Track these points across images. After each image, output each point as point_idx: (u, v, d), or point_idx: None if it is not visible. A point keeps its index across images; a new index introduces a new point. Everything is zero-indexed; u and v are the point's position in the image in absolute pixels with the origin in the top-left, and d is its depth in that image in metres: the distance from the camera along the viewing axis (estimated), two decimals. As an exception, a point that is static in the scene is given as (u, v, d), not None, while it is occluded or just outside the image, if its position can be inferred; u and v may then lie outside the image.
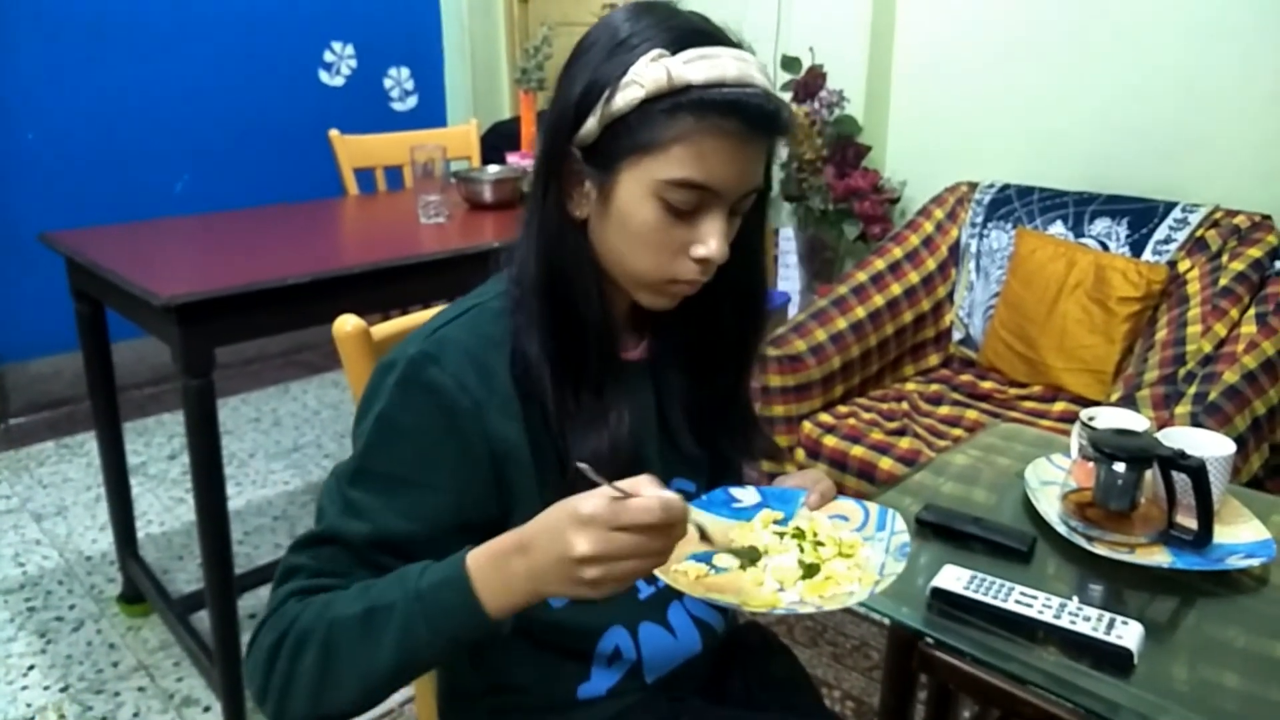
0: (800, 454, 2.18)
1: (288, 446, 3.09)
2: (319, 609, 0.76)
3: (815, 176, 2.71)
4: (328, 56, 3.79)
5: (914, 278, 2.42)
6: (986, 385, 2.30)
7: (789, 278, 2.96)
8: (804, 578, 0.81)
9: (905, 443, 2.04)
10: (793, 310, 2.82)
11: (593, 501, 0.67)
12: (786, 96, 2.77)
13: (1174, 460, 1.04)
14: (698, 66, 0.76)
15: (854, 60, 2.74)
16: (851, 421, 2.16)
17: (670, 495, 0.69)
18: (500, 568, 0.72)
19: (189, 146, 3.49)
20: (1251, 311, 1.86)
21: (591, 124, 0.79)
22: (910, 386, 2.36)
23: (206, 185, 3.54)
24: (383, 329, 1.07)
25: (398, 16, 3.97)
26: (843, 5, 2.74)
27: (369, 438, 0.82)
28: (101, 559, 2.42)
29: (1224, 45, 2.17)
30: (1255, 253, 1.99)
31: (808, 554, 0.84)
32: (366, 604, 0.74)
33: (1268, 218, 2.08)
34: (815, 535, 0.87)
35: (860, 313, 2.31)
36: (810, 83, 2.68)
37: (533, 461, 0.84)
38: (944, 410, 2.20)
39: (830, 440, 2.11)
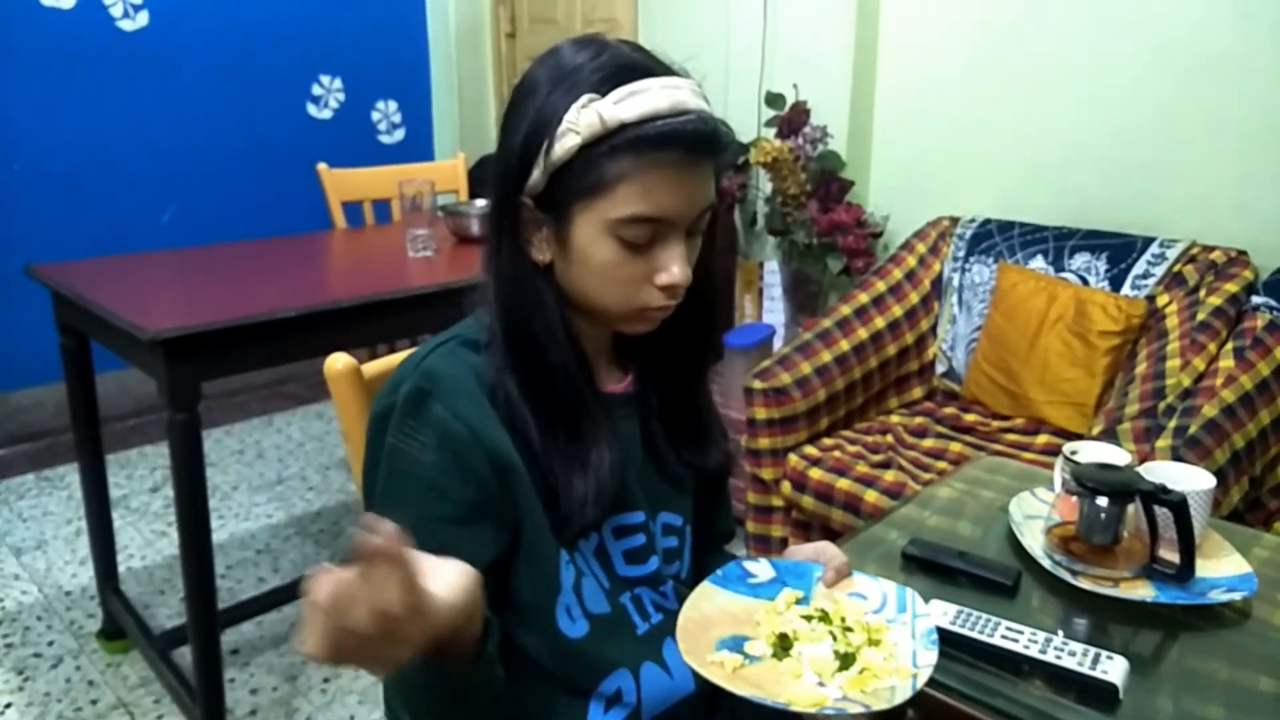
0: (786, 486, 2.19)
1: (271, 479, 3.07)
2: None
3: (799, 211, 2.73)
4: (316, 90, 3.82)
5: (897, 311, 2.45)
6: (970, 418, 2.32)
7: (774, 311, 2.97)
8: (840, 669, 0.80)
9: (890, 475, 2.05)
10: (777, 343, 2.84)
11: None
12: (770, 133, 2.81)
13: (1156, 495, 1.05)
14: (629, 104, 0.78)
15: (837, 96, 2.78)
16: (837, 454, 2.17)
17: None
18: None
19: (176, 178, 3.50)
20: (1229, 346, 1.89)
21: (536, 175, 0.81)
22: (895, 419, 2.37)
23: (193, 217, 3.54)
24: (373, 367, 1.08)
25: (386, 50, 4.00)
26: (825, 42, 2.78)
27: (382, 486, 0.84)
28: (81, 594, 2.39)
29: (1200, 81, 2.21)
30: (1232, 287, 2.02)
31: (840, 641, 0.83)
32: None
33: (1243, 253, 2.12)
34: (843, 620, 0.85)
35: (844, 346, 2.32)
36: (794, 119, 2.72)
37: (530, 480, 0.85)
38: (928, 443, 2.22)
39: (816, 473, 2.12)
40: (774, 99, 2.78)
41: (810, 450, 2.19)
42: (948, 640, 0.98)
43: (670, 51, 0.86)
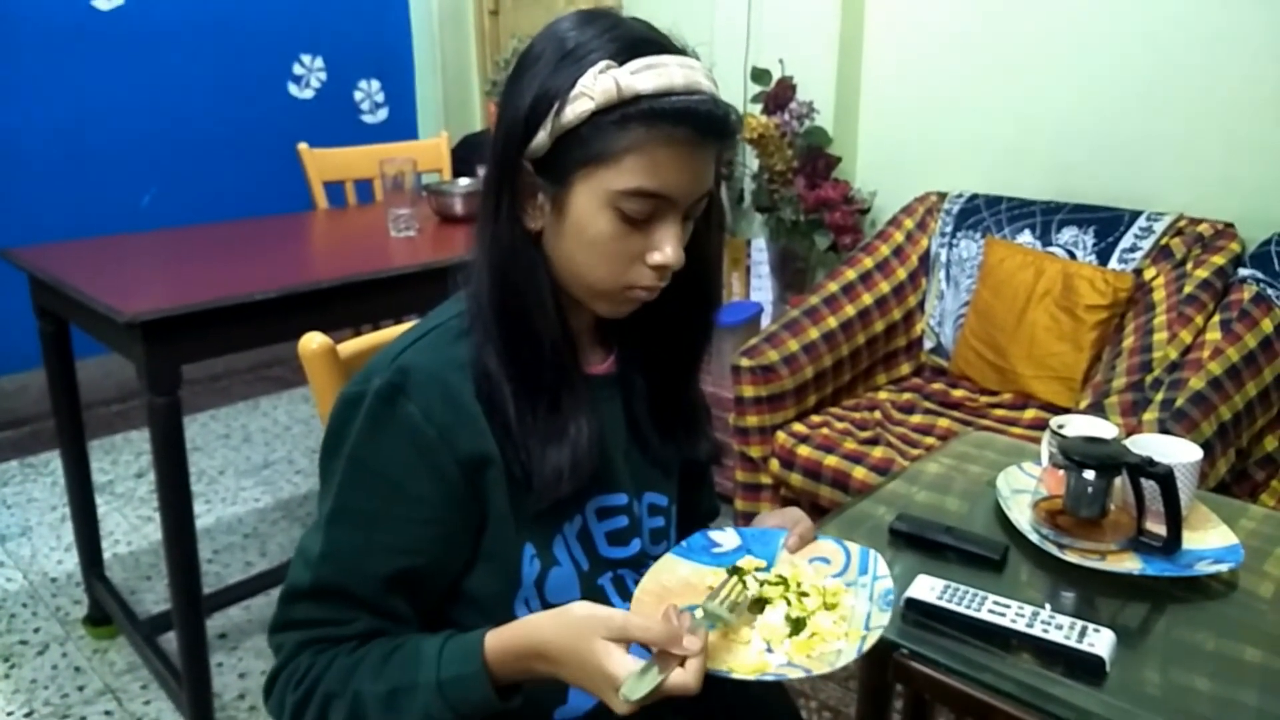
0: (774, 464, 2.18)
1: (258, 463, 3.05)
2: (342, 674, 0.80)
3: (786, 188, 2.72)
4: (297, 69, 3.77)
5: (885, 287, 2.44)
6: (958, 393, 2.32)
7: (761, 288, 2.96)
8: (791, 634, 0.80)
9: (878, 452, 2.05)
10: (765, 321, 2.83)
11: (632, 688, 0.71)
12: (756, 109, 2.78)
13: (1142, 468, 1.05)
14: (646, 76, 0.77)
15: (823, 72, 2.76)
16: (825, 431, 2.17)
17: (687, 631, 0.74)
18: (521, 666, 0.77)
19: (155, 160, 3.45)
20: (1216, 318, 1.89)
21: (542, 137, 0.79)
22: (883, 395, 2.37)
23: (173, 199, 3.50)
24: (349, 346, 1.06)
25: (368, 29, 3.95)
26: (811, 17, 2.76)
27: (343, 477, 0.82)
28: (67, 580, 2.38)
29: (1185, 55, 2.20)
30: (1219, 260, 2.02)
31: (793, 607, 0.83)
32: (389, 685, 0.78)
33: (1230, 225, 2.11)
34: (799, 585, 0.86)
35: (832, 322, 2.32)
36: (780, 95, 2.69)
37: (505, 474, 0.84)
38: (916, 419, 2.21)
39: (804, 450, 2.11)
40: (760, 74, 2.75)
41: (798, 427, 2.19)
42: (935, 615, 0.98)
43: (656, 26, 0.84)
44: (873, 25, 2.76)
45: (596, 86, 0.76)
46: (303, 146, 2.73)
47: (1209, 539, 1.12)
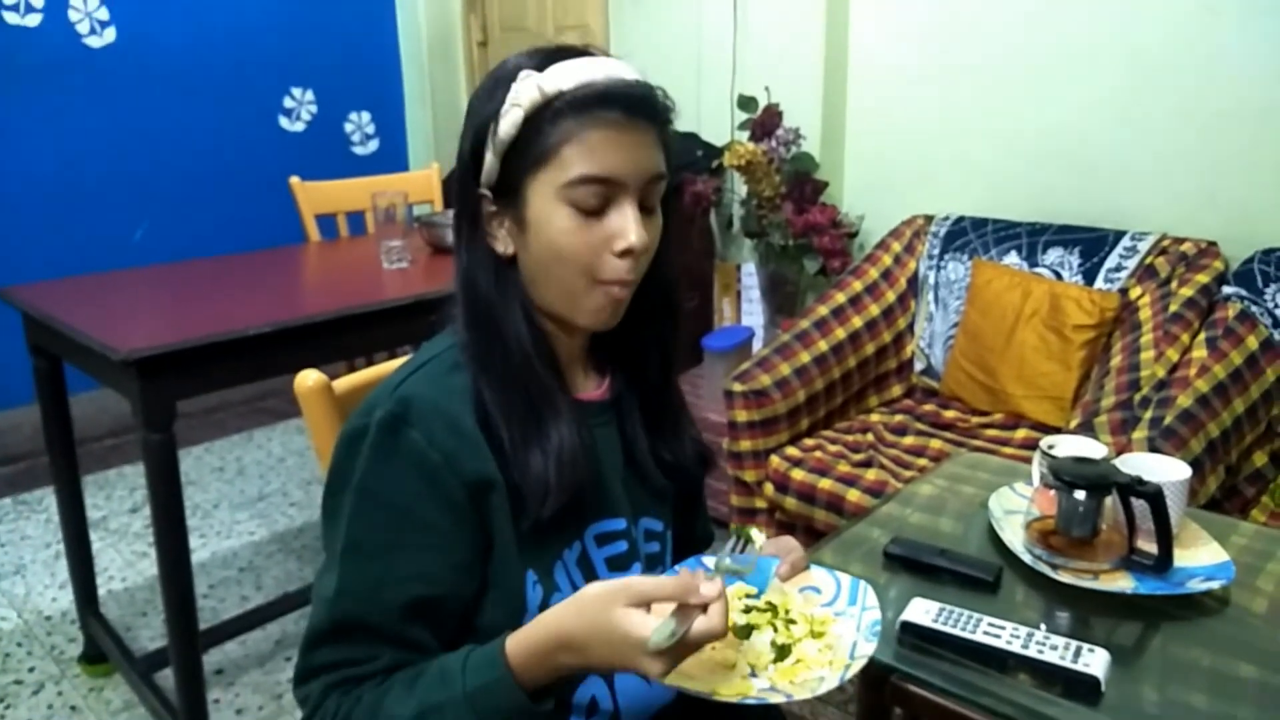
0: (769, 488, 2.19)
1: (253, 496, 3.05)
2: (370, 707, 0.79)
3: (775, 213, 2.74)
4: (288, 102, 3.79)
5: (874, 310, 2.46)
6: (949, 414, 2.33)
7: (753, 313, 2.98)
8: (776, 660, 0.81)
9: (872, 474, 2.06)
10: (757, 345, 2.85)
11: (658, 635, 0.71)
12: (743, 135, 2.81)
13: (1132, 487, 1.06)
14: (565, 74, 0.82)
15: (809, 98, 2.79)
16: (818, 454, 2.18)
17: (713, 587, 0.74)
18: (546, 664, 0.77)
19: (148, 194, 3.46)
20: (1201, 336, 1.91)
21: (490, 160, 0.84)
22: (875, 418, 2.38)
23: (166, 234, 3.51)
24: (345, 382, 1.07)
25: (357, 61, 3.99)
26: (796, 44, 2.80)
27: (352, 511, 0.83)
28: (62, 618, 2.36)
29: (1165, 77, 2.24)
30: (1203, 278, 2.05)
31: (780, 634, 0.84)
32: (418, 706, 0.77)
33: (1213, 244, 2.14)
34: (788, 612, 0.87)
35: (823, 346, 2.33)
36: (766, 121, 2.72)
37: (508, 499, 0.85)
38: (909, 440, 2.23)
39: (798, 474, 2.12)
40: (746, 102, 2.79)
41: (792, 451, 2.20)
42: (931, 638, 0.99)
43: (642, 55, 0.88)
44: (857, 51, 2.80)
45: (522, 95, 0.82)
46: (294, 180, 2.75)
47: (1200, 556, 1.13)
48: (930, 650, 0.99)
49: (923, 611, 1.00)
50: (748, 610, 0.87)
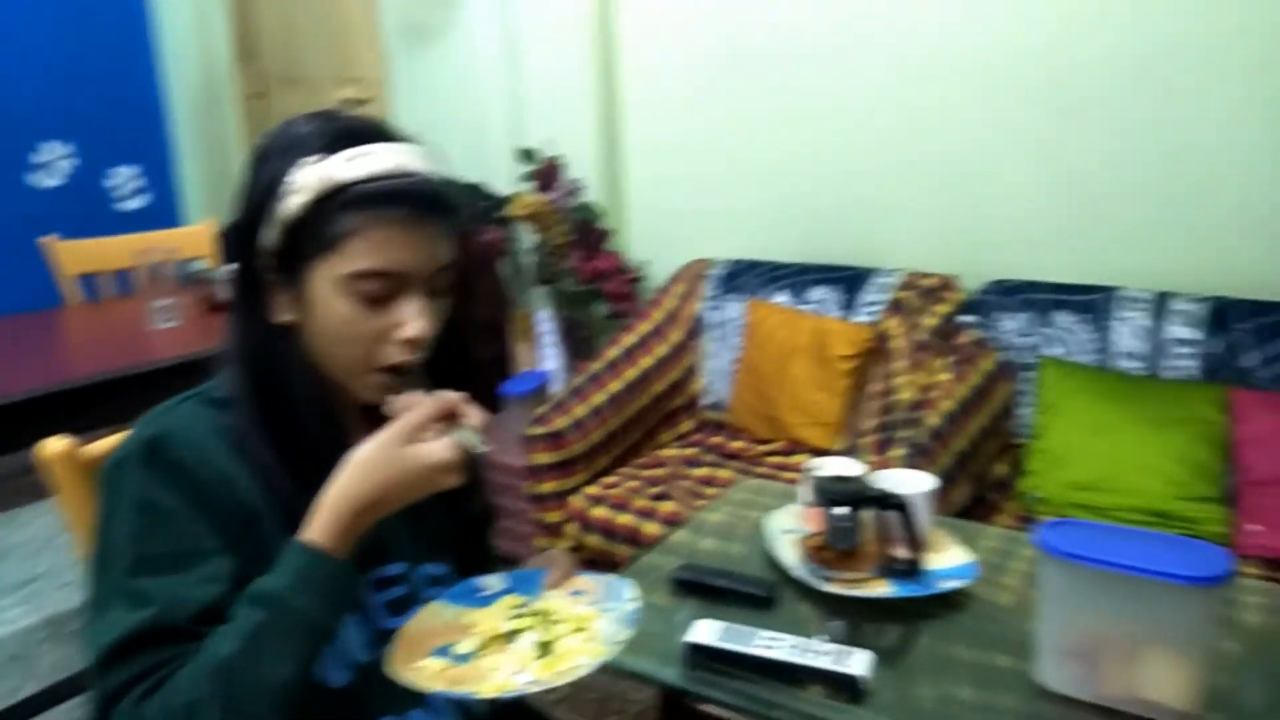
0: (572, 528, 2.23)
1: (20, 579, 2.76)
2: (189, 675, 0.74)
3: (564, 261, 2.82)
4: (38, 157, 3.51)
5: (662, 350, 2.57)
6: (737, 445, 2.46)
7: (548, 358, 3.03)
8: (540, 657, 0.85)
9: (668, 506, 2.14)
10: (555, 389, 2.89)
11: (468, 441, 0.82)
12: (527, 187, 2.88)
13: (883, 500, 1.18)
14: (353, 164, 0.82)
15: (587, 150, 2.90)
16: (617, 491, 2.24)
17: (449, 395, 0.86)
18: (348, 537, 0.80)
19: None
20: (946, 360, 2.13)
21: (272, 234, 0.84)
22: (669, 452, 2.48)
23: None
24: (96, 446, 1.02)
25: (122, 113, 3.76)
26: (571, 99, 2.91)
27: (134, 529, 0.80)
28: None
29: (906, 128, 2.48)
30: (944, 309, 2.29)
31: (545, 633, 0.88)
32: (243, 635, 0.75)
33: (953, 277, 2.39)
34: (554, 614, 0.92)
35: (616, 386, 2.41)
36: (547, 173, 2.80)
37: (280, 531, 0.83)
38: (700, 472, 2.33)
39: (599, 511, 2.18)
40: (526, 154, 2.86)
41: (592, 490, 2.25)
42: (717, 657, 1.05)
43: (422, 110, 0.91)
44: (631, 105, 2.94)
45: (309, 179, 0.81)
46: (49, 239, 2.55)
47: (948, 559, 1.26)
48: (718, 669, 1.05)
49: (707, 632, 1.06)
50: (517, 617, 0.92)
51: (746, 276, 2.63)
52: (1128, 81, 2.15)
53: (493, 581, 0.98)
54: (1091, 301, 2.13)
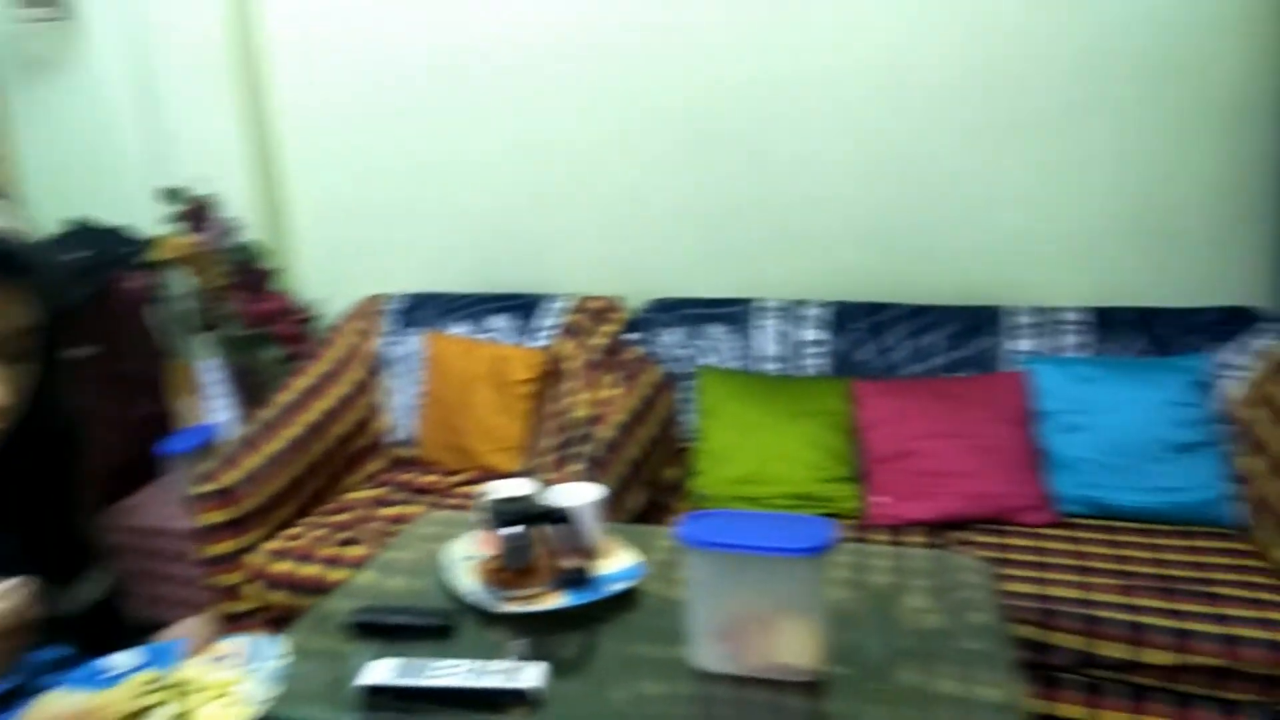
0: (255, 587, 2.10)
1: None
2: None
3: (226, 304, 2.66)
4: None
5: (342, 390, 2.50)
6: (428, 479, 2.44)
7: (218, 409, 2.84)
8: None
9: (357, 551, 2.08)
10: (225, 441, 2.71)
11: None
12: (177, 228, 2.69)
13: (549, 514, 1.24)
14: None
15: (242, 187, 2.76)
16: (301, 543, 2.15)
17: None
18: None
19: None
20: (616, 376, 2.27)
21: None
22: (357, 495, 2.41)
23: None
24: None
25: None
26: (219, 136, 2.75)
27: None
28: None
29: (571, 156, 2.60)
30: (611, 329, 2.44)
31: (181, 705, 0.87)
32: None
33: (617, 300, 2.55)
34: (191, 684, 0.90)
35: (293, 432, 2.31)
36: (197, 213, 2.64)
37: None
38: (391, 511, 2.29)
39: (281, 566, 2.08)
40: (171, 194, 2.67)
41: (273, 545, 2.14)
42: (395, 694, 1.05)
43: (49, 151, 0.84)
44: (289, 140, 2.82)
45: None
46: None
47: (617, 563, 1.34)
48: (397, 707, 1.05)
49: (382, 671, 1.06)
50: (151, 693, 0.89)
51: (425, 309, 2.63)
52: (754, 119, 2.41)
53: (122, 659, 0.93)
54: (735, 313, 2.37)
